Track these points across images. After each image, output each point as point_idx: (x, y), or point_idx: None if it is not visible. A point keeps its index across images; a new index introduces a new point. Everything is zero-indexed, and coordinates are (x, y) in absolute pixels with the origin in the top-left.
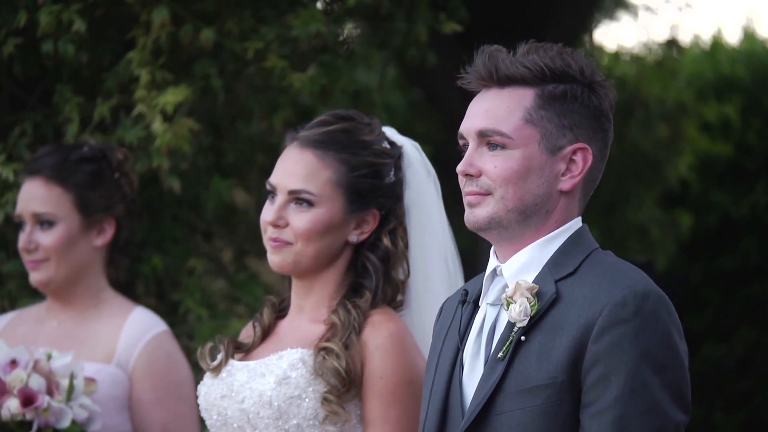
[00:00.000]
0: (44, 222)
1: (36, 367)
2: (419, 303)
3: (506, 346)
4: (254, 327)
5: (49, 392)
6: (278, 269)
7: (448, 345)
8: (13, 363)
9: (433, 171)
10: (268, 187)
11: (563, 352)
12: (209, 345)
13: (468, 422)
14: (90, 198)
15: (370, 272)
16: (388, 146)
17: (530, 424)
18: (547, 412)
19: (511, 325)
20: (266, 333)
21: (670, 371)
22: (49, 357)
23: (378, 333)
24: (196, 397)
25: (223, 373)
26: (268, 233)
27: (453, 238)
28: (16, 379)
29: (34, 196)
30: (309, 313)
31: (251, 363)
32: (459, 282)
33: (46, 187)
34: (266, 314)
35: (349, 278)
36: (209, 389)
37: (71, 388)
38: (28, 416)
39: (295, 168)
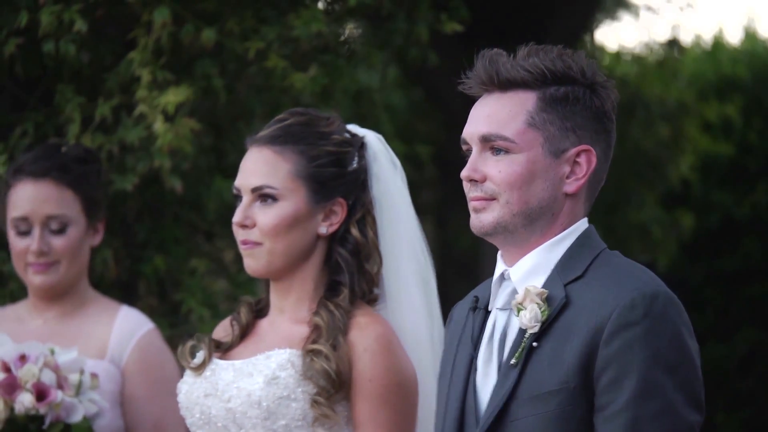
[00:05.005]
0: (57, 224)
1: (45, 363)
2: (392, 297)
3: (518, 352)
4: (232, 326)
5: (59, 387)
6: (254, 273)
7: (461, 353)
8: (23, 358)
9: (398, 163)
10: (234, 191)
11: (574, 357)
12: (190, 343)
13: (483, 430)
14: (94, 200)
15: (343, 268)
16: (348, 136)
17: (544, 429)
18: (561, 418)
19: (522, 331)
20: (244, 333)
21: (682, 371)
22: (53, 352)
23: (366, 335)
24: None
25: (207, 372)
26: (238, 236)
27: (422, 231)
28: (28, 373)
29: (47, 198)
30: (290, 313)
31: (237, 362)
32: (430, 275)
33: (58, 189)
34: (243, 314)
35: (326, 275)
36: (191, 387)
37: (80, 383)
38: (42, 411)
39: (255, 166)
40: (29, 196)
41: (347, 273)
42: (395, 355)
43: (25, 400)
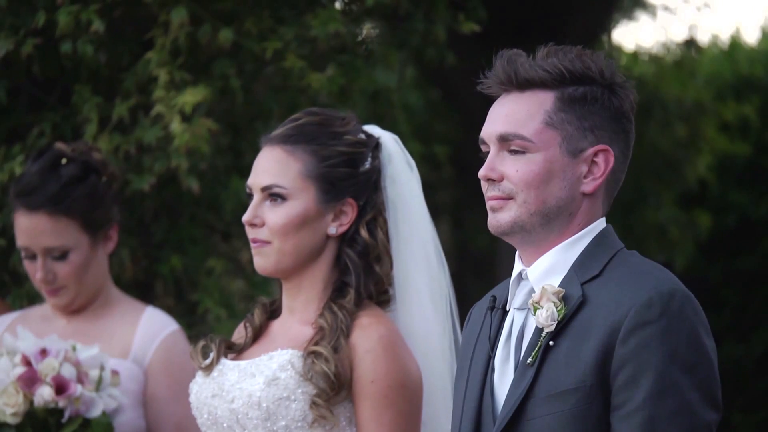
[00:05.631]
0: (58, 253)
1: (66, 357)
2: (402, 300)
3: (535, 351)
4: (245, 327)
5: (80, 382)
6: (262, 271)
7: (479, 352)
8: (44, 352)
9: (414, 165)
10: (247, 190)
11: (591, 356)
12: (201, 343)
13: (499, 429)
14: (94, 217)
15: (350, 269)
16: (363, 137)
17: (561, 428)
18: (577, 417)
19: (539, 330)
20: (258, 334)
21: (699, 370)
22: (74, 349)
23: (368, 336)
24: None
25: (215, 372)
26: (249, 235)
27: (437, 234)
28: (48, 367)
29: (42, 231)
30: (299, 313)
31: (242, 363)
32: (443, 278)
33: (52, 221)
34: (257, 315)
35: (336, 275)
36: (200, 388)
37: (100, 378)
38: (61, 404)
39: (266, 165)
40: (26, 229)
41: (354, 274)
42: (398, 356)
43: (44, 393)
